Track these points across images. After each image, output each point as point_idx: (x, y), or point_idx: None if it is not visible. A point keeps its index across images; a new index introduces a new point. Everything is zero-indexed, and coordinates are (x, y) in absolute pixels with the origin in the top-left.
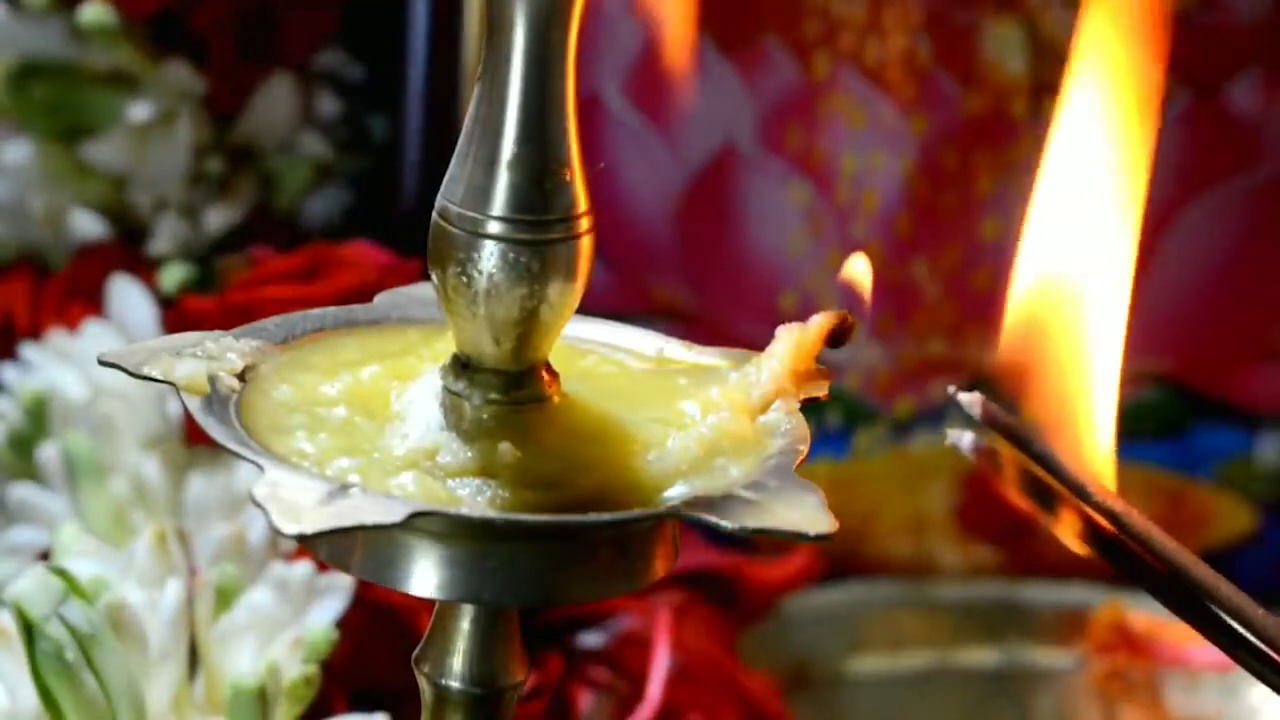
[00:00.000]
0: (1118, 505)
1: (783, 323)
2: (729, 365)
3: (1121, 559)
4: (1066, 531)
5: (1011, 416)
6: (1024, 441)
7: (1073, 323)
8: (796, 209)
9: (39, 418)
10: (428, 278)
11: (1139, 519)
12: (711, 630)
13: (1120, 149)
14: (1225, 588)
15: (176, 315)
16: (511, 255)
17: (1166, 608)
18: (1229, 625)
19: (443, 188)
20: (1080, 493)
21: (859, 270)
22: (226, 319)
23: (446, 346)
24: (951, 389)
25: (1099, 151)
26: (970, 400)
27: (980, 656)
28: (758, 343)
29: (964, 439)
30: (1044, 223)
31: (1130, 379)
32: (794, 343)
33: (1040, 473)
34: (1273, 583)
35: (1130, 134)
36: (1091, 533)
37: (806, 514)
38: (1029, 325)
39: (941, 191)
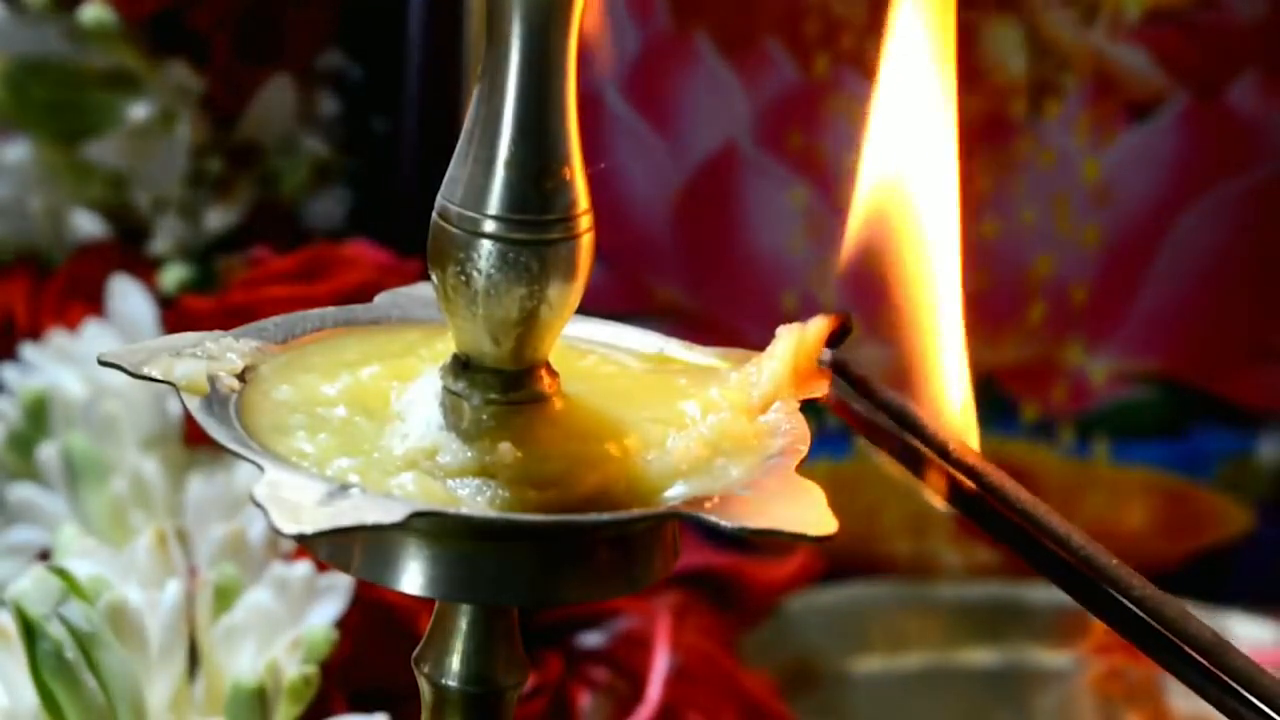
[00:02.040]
0: (977, 462)
1: (783, 323)
2: (729, 365)
3: (984, 516)
4: (932, 491)
5: (874, 382)
6: (886, 404)
7: (911, 238)
8: (796, 209)
9: (39, 418)
10: (427, 277)
11: (997, 474)
12: (711, 630)
13: (932, 64)
14: (1077, 536)
15: (176, 315)
16: (511, 255)
17: (1025, 561)
18: (1084, 576)
19: (442, 188)
20: (941, 452)
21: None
22: (226, 319)
23: (446, 346)
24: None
25: (918, 70)
26: (830, 360)
27: (980, 656)
28: (758, 343)
29: (825, 356)
30: (878, 137)
31: (1129, 378)
32: (794, 343)
33: (903, 433)
34: (1272, 583)
35: (939, 48)
36: (955, 492)
37: (807, 514)
38: (871, 235)
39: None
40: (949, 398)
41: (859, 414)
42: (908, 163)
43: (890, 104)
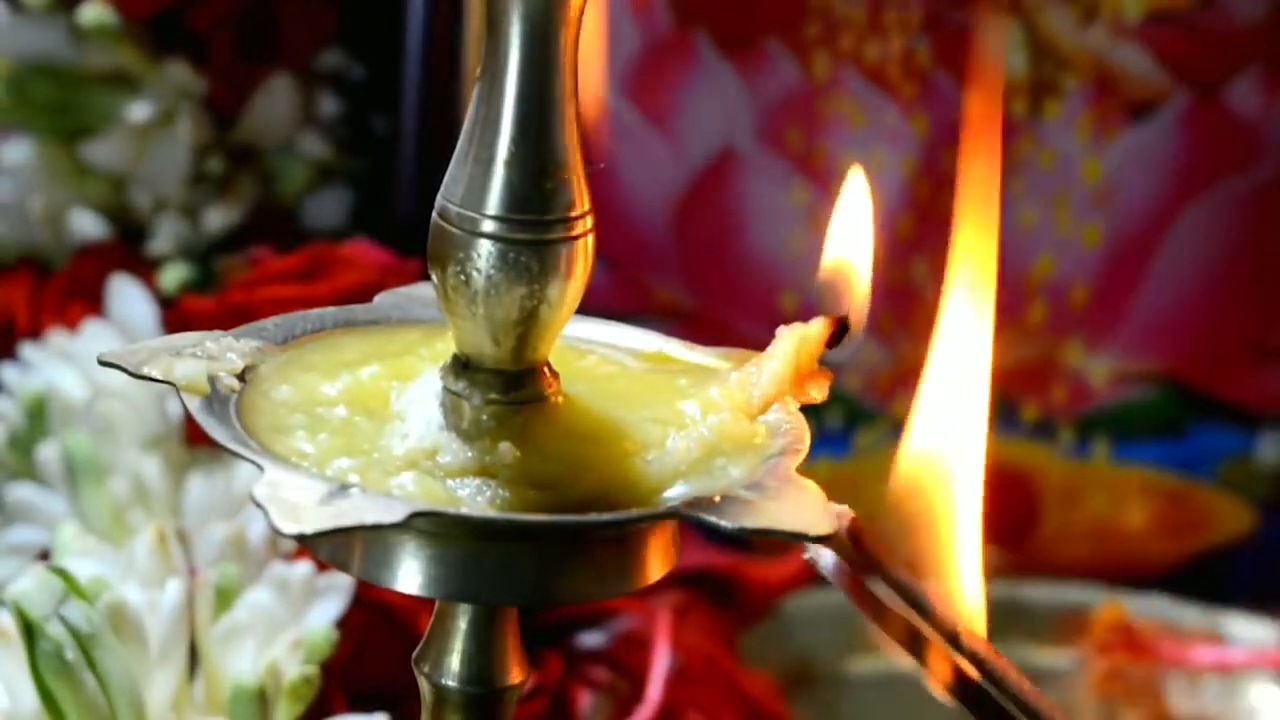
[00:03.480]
0: (984, 650)
1: (783, 323)
2: (729, 365)
3: (984, 708)
4: (934, 677)
5: (888, 561)
6: (898, 585)
7: (943, 487)
8: (797, 209)
9: (39, 418)
10: (428, 277)
11: (1003, 664)
12: (711, 630)
13: (968, 346)
14: None
15: (176, 315)
16: (511, 255)
17: None
18: None
19: (442, 187)
20: (951, 637)
21: (864, 269)
22: (226, 319)
23: (446, 346)
24: (807, 554)
25: (963, 352)
26: (825, 560)
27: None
28: (758, 343)
29: (823, 557)
30: (926, 407)
31: (1129, 378)
32: (795, 343)
33: (912, 616)
34: (1273, 583)
35: (976, 333)
36: (959, 680)
37: (807, 515)
38: (910, 486)
39: (942, 192)
40: (963, 589)
41: (867, 590)
42: (944, 440)
43: (936, 383)
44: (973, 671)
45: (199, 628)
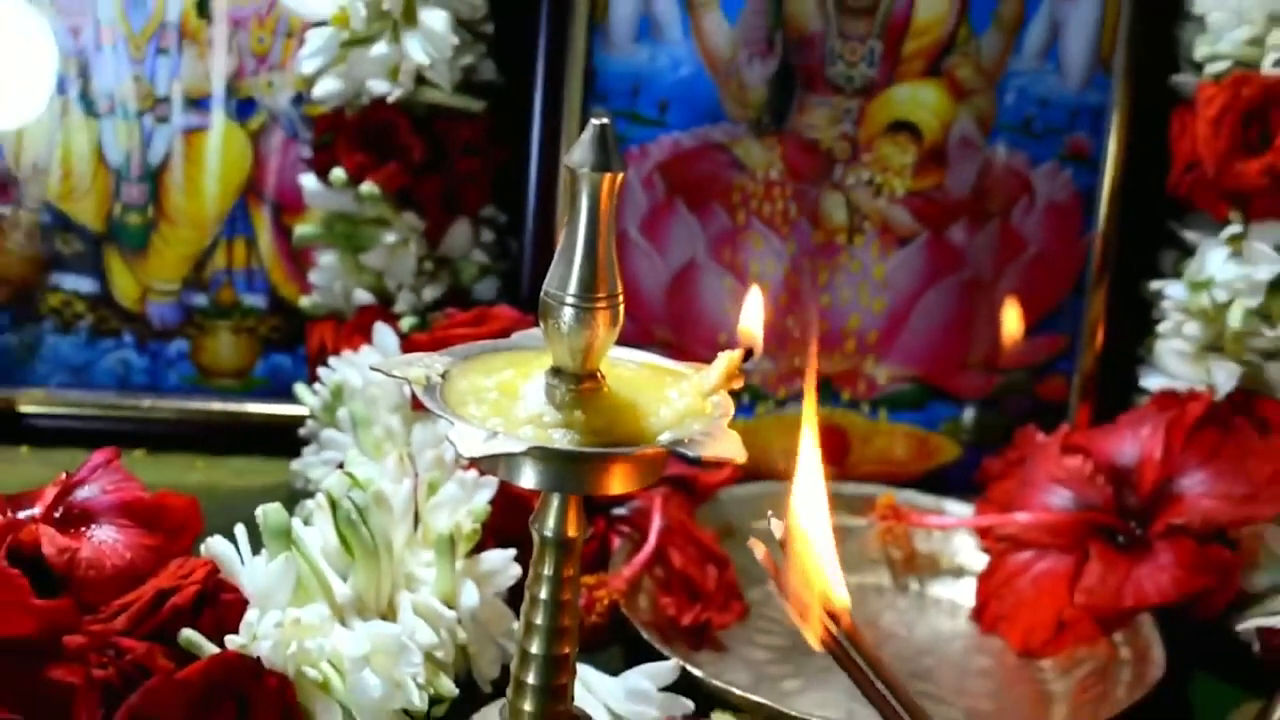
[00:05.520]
0: (847, 625)
1: (720, 351)
2: (693, 371)
3: (848, 665)
4: (812, 635)
5: (879, 659)
6: (878, 668)
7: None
8: (728, 293)
9: (338, 395)
10: (538, 325)
11: (860, 639)
12: (681, 507)
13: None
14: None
15: (408, 344)
16: (580, 315)
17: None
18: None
19: (546, 279)
20: (892, 689)
21: (758, 323)
22: (434, 346)
23: (547, 360)
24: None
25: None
26: (758, 552)
27: None
28: (707, 360)
29: (757, 550)
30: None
31: (898, 379)
32: (726, 361)
33: (880, 682)
34: (969, 484)
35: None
36: (832, 639)
37: (732, 449)
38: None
39: (803, 284)
40: (832, 586)
41: (860, 670)
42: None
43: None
44: (838, 635)
45: (420, 504)
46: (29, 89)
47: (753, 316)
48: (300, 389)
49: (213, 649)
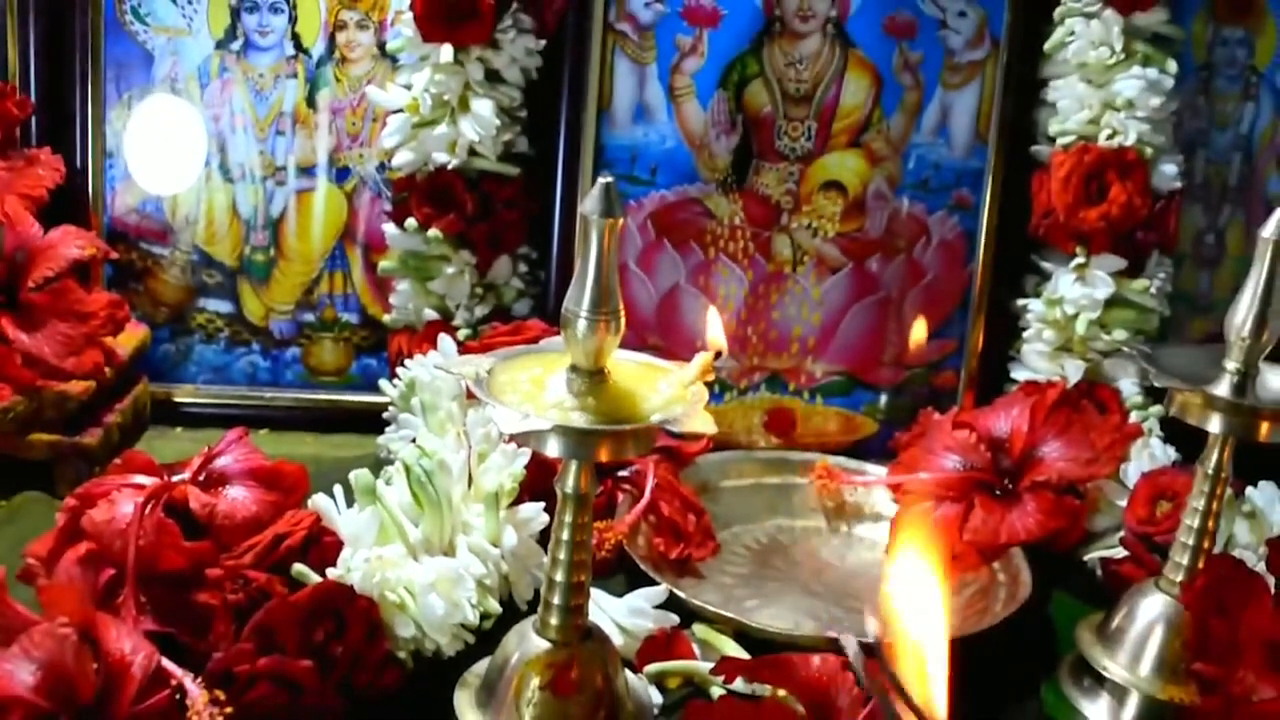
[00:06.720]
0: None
1: (697, 352)
2: (677, 368)
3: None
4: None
5: (901, 679)
6: (901, 689)
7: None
8: (701, 311)
9: (412, 388)
10: (560, 334)
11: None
12: (670, 469)
13: (930, 583)
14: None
15: (464, 349)
16: (591, 325)
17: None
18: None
19: (566, 299)
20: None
21: (722, 333)
22: (482, 350)
23: (567, 359)
24: (851, 649)
25: (919, 577)
26: (856, 653)
27: (770, 478)
28: (688, 360)
29: (850, 645)
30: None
31: (831, 373)
32: (701, 360)
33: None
34: (886, 452)
35: (935, 583)
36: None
37: (706, 425)
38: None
39: (759, 302)
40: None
41: (887, 694)
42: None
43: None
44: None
45: (473, 468)
46: (183, 162)
47: (718, 329)
48: (384, 383)
49: (316, 578)
